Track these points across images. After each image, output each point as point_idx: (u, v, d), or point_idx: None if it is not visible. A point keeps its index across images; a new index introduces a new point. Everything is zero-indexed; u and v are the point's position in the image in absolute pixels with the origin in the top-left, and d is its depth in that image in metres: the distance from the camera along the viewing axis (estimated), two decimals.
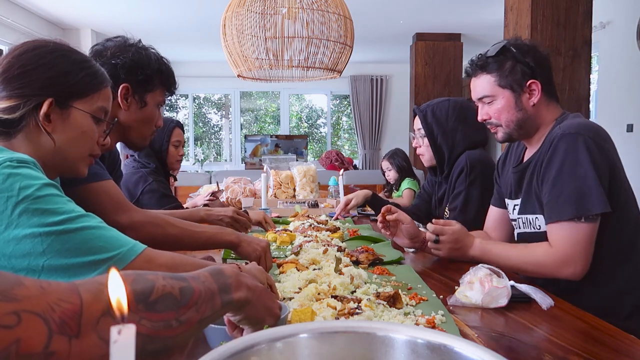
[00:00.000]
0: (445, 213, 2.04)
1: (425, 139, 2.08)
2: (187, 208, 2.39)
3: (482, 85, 1.47)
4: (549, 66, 1.47)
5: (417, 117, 2.12)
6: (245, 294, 0.67)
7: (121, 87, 1.32)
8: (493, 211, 1.70)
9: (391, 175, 4.03)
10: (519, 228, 1.50)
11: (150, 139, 1.45)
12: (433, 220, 1.47)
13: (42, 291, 0.46)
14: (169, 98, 1.49)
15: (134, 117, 1.35)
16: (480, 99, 1.49)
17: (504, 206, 1.63)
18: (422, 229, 1.62)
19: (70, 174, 1.05)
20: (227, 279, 0.65)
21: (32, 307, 0.44)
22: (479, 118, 1.52)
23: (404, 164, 3.98)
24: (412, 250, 1.64)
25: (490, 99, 1.46)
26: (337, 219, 2.32)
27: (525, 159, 1.50)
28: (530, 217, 1.43)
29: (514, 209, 1.52)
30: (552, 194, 1.32)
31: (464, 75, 1.54)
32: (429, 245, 1.47)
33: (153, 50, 1.41)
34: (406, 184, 3.85)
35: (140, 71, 1.33)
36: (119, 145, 1.65)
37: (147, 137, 1.42)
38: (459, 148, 2.04)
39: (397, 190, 3.97)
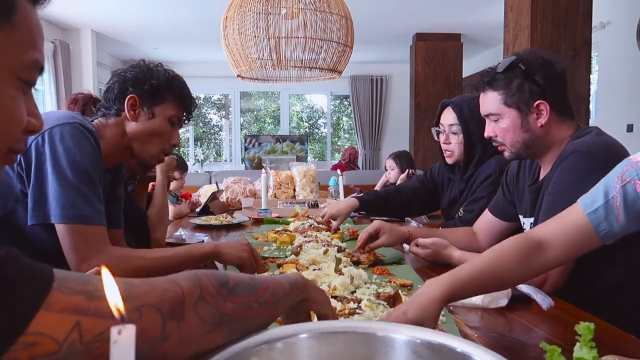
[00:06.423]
0: (459, 213, 1.96)
1: (457, 136, 1.94)
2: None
3: (488, 102, 1.40)
4: (563, 83, 1.39)
5: (446, 112, 1.97)
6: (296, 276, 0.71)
7: (128, 97, 1.33)
8: (489, 218, 1.65)
9: (392, 175, 4.01)
10: None
11: (162, 156, 1.43)
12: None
13: (150, 287, 0.54)
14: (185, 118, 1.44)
15: (142, 127, 1.35)
16: (486, 116, 1.43)
17: (503, 217, 1.60)
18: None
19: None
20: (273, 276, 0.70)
21: (148, 301, 0.52)
22: (485, 134, 1.45)
23: (409, 166, 3.96)
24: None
25: (496, 117, 1.39)
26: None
27: (541, 176, 1.43)
28: None
29: (530, 227, 1.46)
30: (544, 206, 1.29)
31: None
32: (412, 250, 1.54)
33: (168, 68, 1.41)
34: None
35: (148, 82, 1.34)
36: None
37: (155, 153, 1.39)
38: (492, 150, 1.86)
39: None
